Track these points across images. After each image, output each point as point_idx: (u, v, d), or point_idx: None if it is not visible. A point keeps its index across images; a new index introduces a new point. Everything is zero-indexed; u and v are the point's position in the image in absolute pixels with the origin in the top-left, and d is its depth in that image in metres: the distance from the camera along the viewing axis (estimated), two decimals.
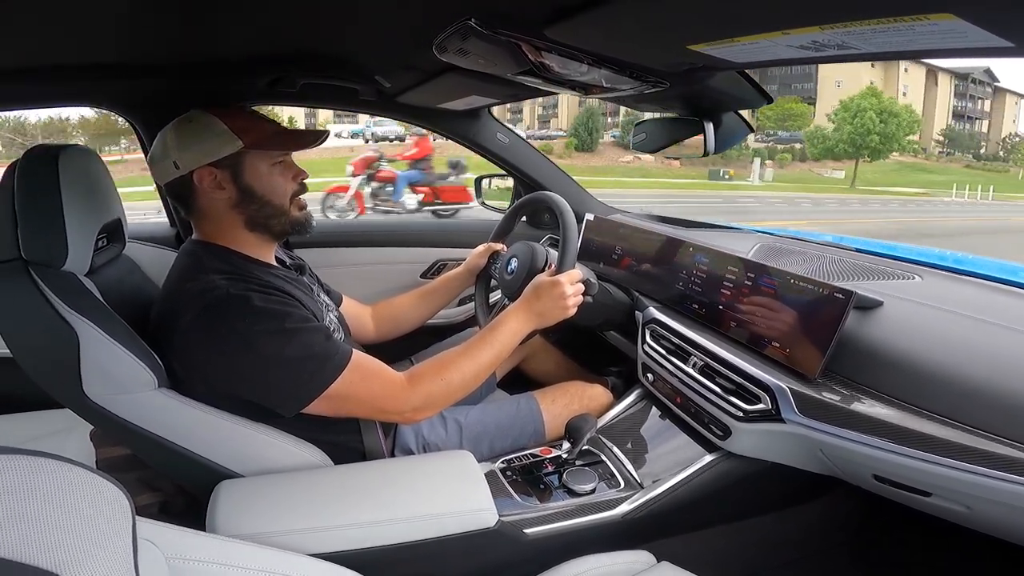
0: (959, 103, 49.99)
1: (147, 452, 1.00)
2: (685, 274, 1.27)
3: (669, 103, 1.22)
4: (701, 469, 1.08)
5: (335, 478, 0.97)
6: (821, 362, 0.91)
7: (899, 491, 0.87)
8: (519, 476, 1.09)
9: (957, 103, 49.88)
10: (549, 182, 1.84)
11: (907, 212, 20.01)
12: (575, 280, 1.14)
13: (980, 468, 0.72)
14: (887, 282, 1.06)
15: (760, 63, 0.82)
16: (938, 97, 47.80)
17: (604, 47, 0.83)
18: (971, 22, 0.50)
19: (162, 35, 0.94)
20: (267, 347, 0.88)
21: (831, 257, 1.21)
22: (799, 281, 0.98)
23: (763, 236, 1.49)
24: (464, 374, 1.01)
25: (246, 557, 0.62)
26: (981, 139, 50.17)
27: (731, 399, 1.02)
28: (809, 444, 0.94)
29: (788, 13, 0.59)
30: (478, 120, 1.76)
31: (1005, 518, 0.77)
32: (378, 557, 0.87)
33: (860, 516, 1.26)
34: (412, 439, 1.17)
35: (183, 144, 0.96)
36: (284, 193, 1.03)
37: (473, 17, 0.73)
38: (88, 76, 1.14)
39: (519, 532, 0.97)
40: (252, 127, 0.98)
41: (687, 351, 1.16)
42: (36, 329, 0.88)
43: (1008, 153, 47.21)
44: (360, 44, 1.05)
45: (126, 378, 0.89)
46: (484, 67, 0.94)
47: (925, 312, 0.94)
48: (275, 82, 1.25)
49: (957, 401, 0.78)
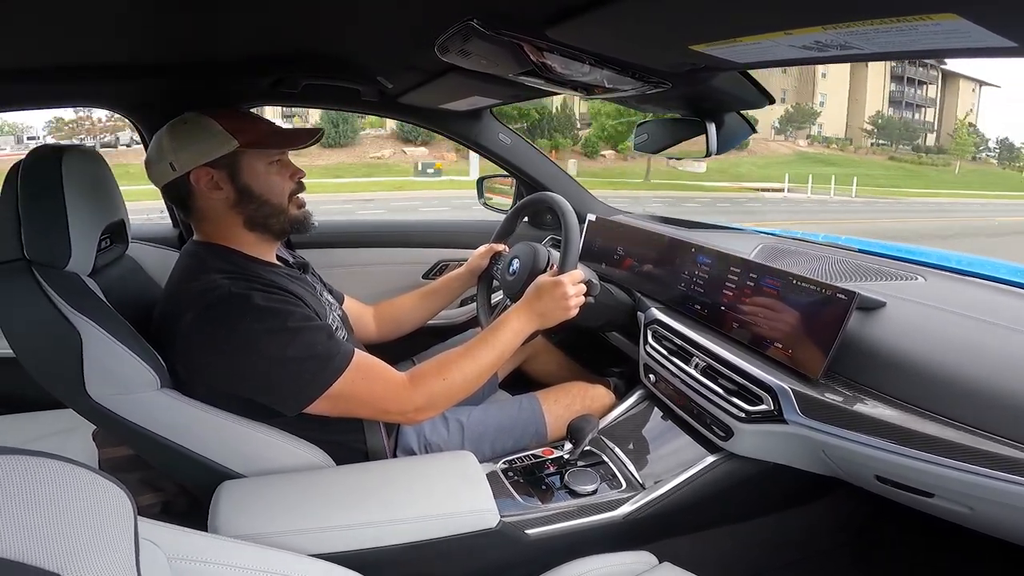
0: (897, 88, 43.91)
1: (149, 452, 1.00)
2: (687, 275, 1.27)
3: (671, 103, 1.22)
4: (703, 470, 1.08)
5: (337, 479, 0.97)
6: (824, 363, 0.91)
7: (901, 492, 0.87)
8: (521, 477, 1.09)
9: (895, 88, 43.85)
10: (551, 183, 1.84)
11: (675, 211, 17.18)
12: (577, 281, 1.14)
13: (983, 469, 0.72)
14: (890, 283, 1.06)
15: (762, 63, 0.82)
16: (869, 79, 41.94)
17: (606, 47, 0.83)
18: (974, 22, 0.50)
19: (164, 35, 0.95)
20: (269, 346, 0.88)
21: (833, 258, 1.21)
22: (801, 282, 0.98)
23: (765, 237, 1.48)
24: (466, 374, 1.01)
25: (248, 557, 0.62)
26: (926, 128, 44.90)
27: (733, 400, 1.02)
28: (811, 445, 0.94)
29: (790, 13, 0.59)
30: (480, 121, 1.77)
31: (1007, 519, 0.77)
32: (380, 557, 0.87)
33: (862, 517, 1.26)
34: (414, 439, 1.17)
35: (179, 145, 0.96)
36: (282, 192, 1.03)
37: (475, 17, 0.73)
38: (90, 76, 1.15)
39: (521, 533, 0.97)
40: (247, 127, 0.98)
41: (689, 352, 1.16)
42: (39, 329, 0.88)
43: (958, 145, 40.62)
44: (362, 45, 1.05)
45: (129, 378, 0.89)
46: (486, 68, 0.94)
47: (928, 313, 0.93)
48: (277, 83, 1.26)
49: (960, 402, 0.78)
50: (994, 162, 46.01)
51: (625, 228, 1.56)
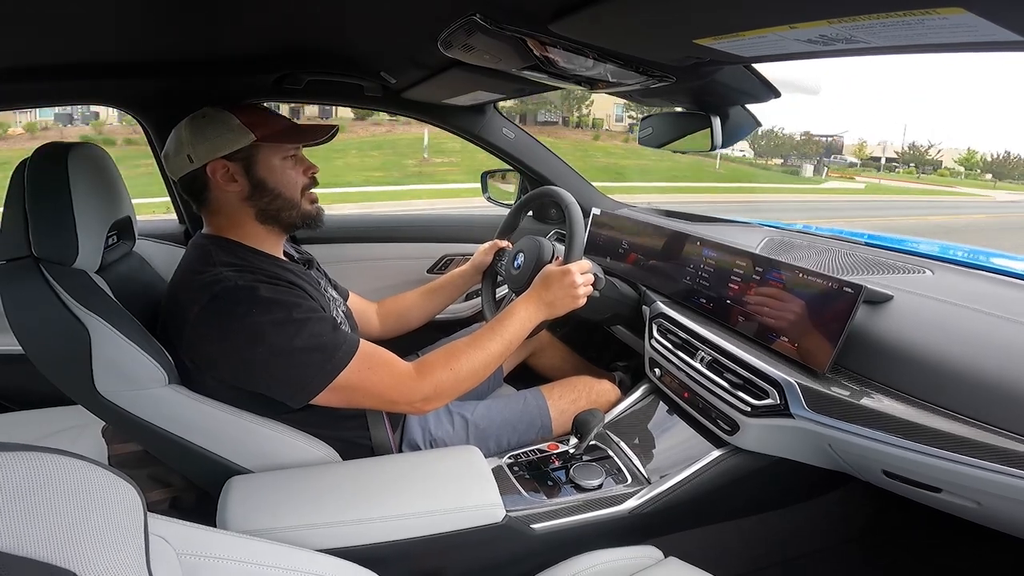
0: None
1: (158, 448, 1.01)
2: (692, 268, 1.26)
3: (676, 97, 1.21)
4: (708, 464, 1.08)
5: (344, 474, 0.98)
6: (831, 357, 0.90)
7: (909, 487, 0.86)
8: (526, 471, 1.09)
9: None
10: (555, 177, 1.84)
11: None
12: (585, 270, 1.14)
13: (991, 464, 0.71)
14: (898, 276, 1.05)
15: (768, 57, 0.81)
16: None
17: (610, 42, 0.82)
18: (982, 16, 0.49)
19: (168, 32, 0.95)
20: (275, 337, 0.88)
21: (840, 251, 1.20)
22: (808, 275, 0.98)
23: (771, 230, 1.48)
24: (473, 364, 1.01)
25: (256, 553, 0.62)
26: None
27: (739, 394, 1.02)
28: (818, 439, 0.93)
29: (796, 7, 0.58)
30: (484, 115, 1.76)
31: (1015, 514, 0.77)
32: (387, 552, 0.87)
33: (869, 511, 1.25)
34: (419, 434, 1.17)
35: (197, 138, 0.97)
36: (295, 186, 1.04)
37: (478, 12, 0.72)
38: (95, 74, 1.15)
39: (526, 527, 0.97)
40: (264, 121, 1.00)
41: (695, 346, 1.16)
42: (48, 326, 0.89)
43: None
44: (365, 41, 1.05)
45: (137, 374, 0.90)
46: (489, 62, 0.94)
47: (936, 306, 0.93)
48: (281, 79, 1.26)
49: (968, 396, 0.77)
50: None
51: (630, 222, 1.55)
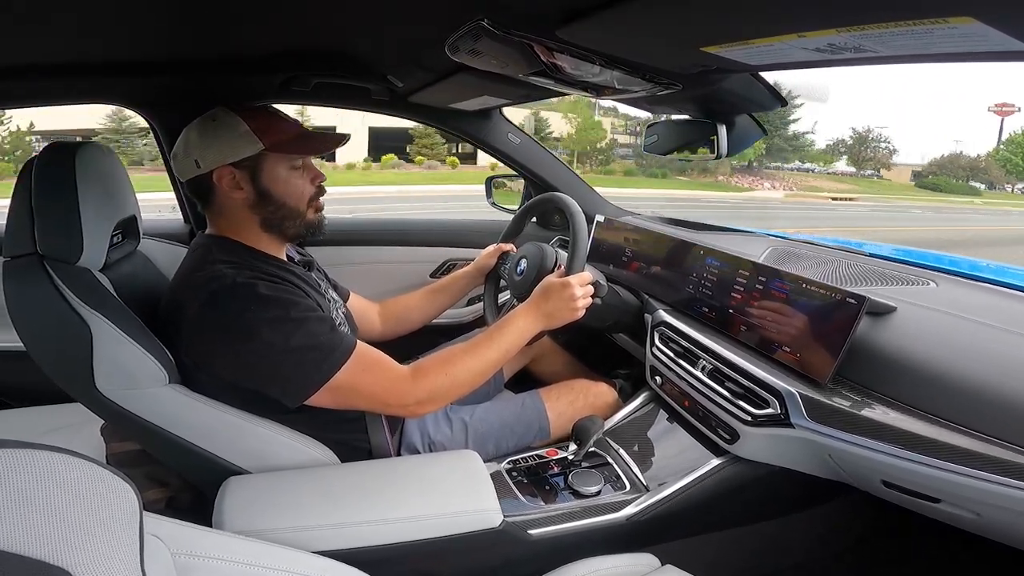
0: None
1: (156, 447, 1.00)
2: (695, 277, 1.26)
3: (682, 105, 1.21)
4: (707, 473, 1.07)
5: (342, 476, 0.97)
6: (832, 368, 0.90)
7: (908, 497, 0.86)
8: (525, 477, 1.09)
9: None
10: (560, 183, 1.84)
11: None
12: (585, 282, 1.14)
13: (991, 475, 0.71)
14: (901, 287, 1.05)
15: (775, 65, 0.81)
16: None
17: (616, 48, 0.82)
18: (991, 25, 0.49)
19: (175, 32, 0.95)
20: (272, 335, 0.88)
21: (844, 262, 1.20)
22: (811, 286, 0.98)
23: (775, 240, 1.47)
24: (469, 370, 1.01)
25: (252, 554, 0.62)
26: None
27: (739, 403, 1.02)
28: (817, 449, 0.93)
29: (803, 15, 0.58)
30: (489, 120, 1.76)
31: (1015, 525, 0.77)
32: (384, 555, 0.87)
33: (867, 521, 1.25)
34: (418, 437, 1.17)
35: (205, 143, 0.96)
36: (301, 196, 1.03)
37: (485, 18, 0.73)
38: (101, 73, 1.15)
39: (524, 533, 0.96)
40: (274, 128, 0.98)
41: (696, 354, 1.15)
42: (50, 323, 0.89)
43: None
44: (373, 44, 1.05)
45: (138, 373, 0.90)
46: (496, 68, 0.94)
47: (939, 318, 0.92)
48: (288, 81, 1.26)
49: (969, 408, 0.77)
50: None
51: (633, 229, 1.55)
